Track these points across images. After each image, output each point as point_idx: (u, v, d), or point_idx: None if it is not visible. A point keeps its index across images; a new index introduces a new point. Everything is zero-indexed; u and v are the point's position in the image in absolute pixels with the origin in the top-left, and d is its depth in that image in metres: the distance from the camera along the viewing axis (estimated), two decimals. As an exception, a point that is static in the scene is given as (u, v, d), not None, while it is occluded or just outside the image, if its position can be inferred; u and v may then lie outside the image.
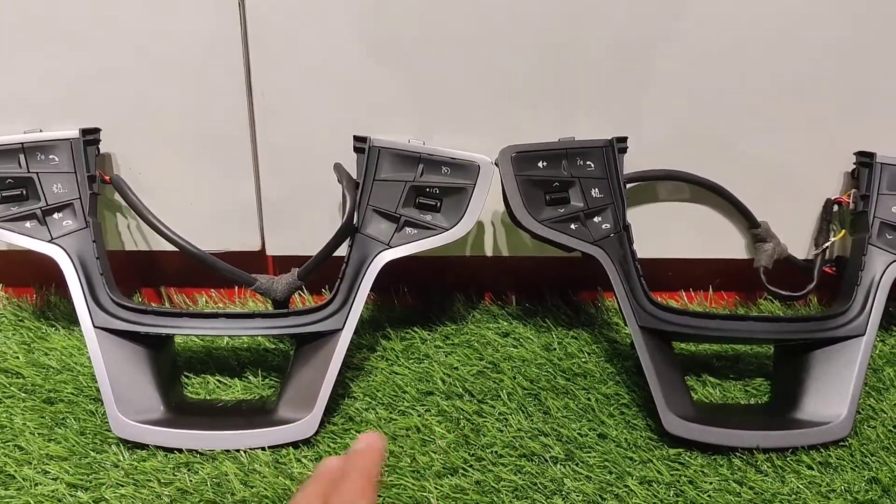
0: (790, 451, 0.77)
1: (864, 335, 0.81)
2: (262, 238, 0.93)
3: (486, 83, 0.86)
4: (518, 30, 0.84)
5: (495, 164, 0.82)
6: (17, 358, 0.87)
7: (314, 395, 0.77)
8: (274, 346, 0.90)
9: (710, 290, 1.00)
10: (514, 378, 0.85)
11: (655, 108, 0.88)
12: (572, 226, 0.82)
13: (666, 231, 0.93)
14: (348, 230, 0.81)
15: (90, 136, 0.83)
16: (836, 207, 0.91)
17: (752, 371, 0.88)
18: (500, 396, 0.83)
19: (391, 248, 0.81)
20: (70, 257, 0.80)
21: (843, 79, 0.87)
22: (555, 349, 0.90)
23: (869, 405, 0.83)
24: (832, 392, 0.80)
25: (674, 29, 0.84)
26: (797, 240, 0.93)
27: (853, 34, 0.85)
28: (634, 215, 0.90)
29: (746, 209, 0.90)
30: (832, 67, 0.86)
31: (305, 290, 0.96)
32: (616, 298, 0.81)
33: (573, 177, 0.83)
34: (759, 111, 0.88)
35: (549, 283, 0.99)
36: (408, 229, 0.82)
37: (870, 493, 0.73)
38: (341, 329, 0.79)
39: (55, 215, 0.82)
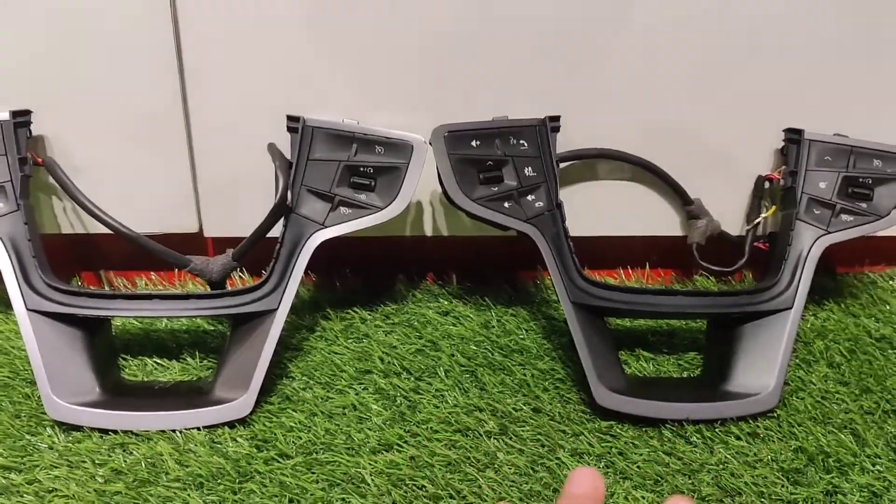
0: (719, 422, 0.78)
1: (791, 308, 0.83)
2: (200, 220, 0.92)
3: (419, 62, 0.86)
4: (452, 8, 0.84)
5: (429, 143, 0.83)
6: (-48, 343, 0.86)
7: (249, 374, 0.78)
8: (213, 328, 0.90)
9: (647, 267, 1.01)
10: (452, 355, 0.86)
11: (588, 89, 0.88)
12: (506, 204, 0.83)
13: (601, 209, 0.94)
14: (282, 210, 0.81)
15: (20, 118, 0.82)
16: (767, 184, 0.92)
17: (685, 345, 0.90)
18: (437, 374, 0.84)
19: (326, 227, 0.82)
20: (1, 240, 0.79)
21: (773, 56, 0.88)
22: (493, 327, 0.91)
23: (798, 377, 0.85)
24: (761, 364, 0.81)
25: (605, 8, 0.85)
26: (730, 216, 0.95)
27: (782, 11, 0.86)
28: (570, 194, 0.91)
29: (679, 186, 0.92)
30: (762, 45, 0.88)
31: (245, 272, 0.96)
32: (549, 275, 0.82)
33: (506, 155, 0.83)
34: (691, 90, 0.89)
35: (489, 262, 0.99)
36: (342, 209, 0.82)
37: (795, 461, 0.74)
38: (276, 309, 0.79)
39: (-16, 198, 0.81)
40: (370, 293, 0.96)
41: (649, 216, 0.95)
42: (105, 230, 0.84)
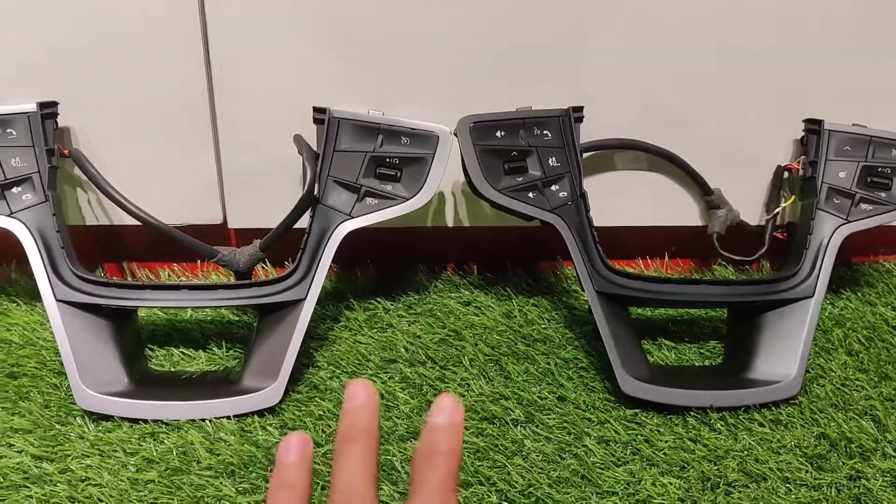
0: (742, 409, 0.79)
1: (812, 296, 0.84)
2: (224, 211, 0.93)
3: (443, 53, 0.87)
4: (476, 1, 0.85)
5: (454, 134, 0.83)
6: (-21, 334, 0.87)
7: (278, 364, 0.78)
8: (238, 318, 0.91)
9: (667, 256, 1.02)
10: (476, 345, 0.87)
11: (610, 80, 0.89)
12: (530, 194, 0.83)
13: (623, 199, 0.95)
14: (309, 201, 0.81)
15: (47, 110, 0.82)
16: (786, 174, 0.93)
17: (706, 334, 0.91)
18: (461, 363, 0.84)
19: (352, 218, 0.82)
20: (30, 231, 0.80)
21: (792, 47, 0.89)
22: (515, 316, 0.91)
23: (818, 364, 0.86)
24: (782, 352, 0.82)
25: (627, 1, 0.86)
26: (749, 206, 0.95)
27: (802, 2, 0.87)
28: (592, 184, 0.92)
29: (700, 177, 0.92)
30: (782, 36, 0.88)
31: (268, 263, 0.97)
32: (574, 265, 0.82)
33: (531, 146, 0.84)
34: (711, 80, 0.90)
35: (510, 252, 1.00)
36: (368, 199, 0.83)
37: (818, 447, 0.75)
38: (304, 299, 0.80)
39: (14, 189, 0.81)
40: (392, 283, 0.96)
41: (669, 206, 0.95)
42: (129, 221, 0.85)
